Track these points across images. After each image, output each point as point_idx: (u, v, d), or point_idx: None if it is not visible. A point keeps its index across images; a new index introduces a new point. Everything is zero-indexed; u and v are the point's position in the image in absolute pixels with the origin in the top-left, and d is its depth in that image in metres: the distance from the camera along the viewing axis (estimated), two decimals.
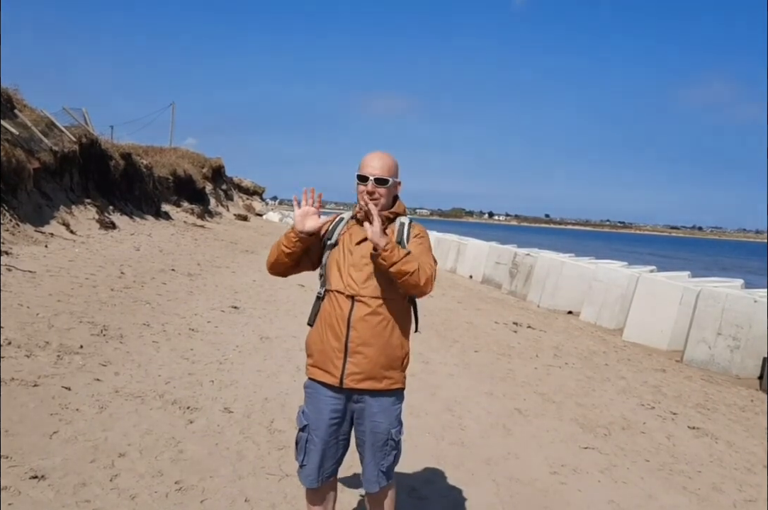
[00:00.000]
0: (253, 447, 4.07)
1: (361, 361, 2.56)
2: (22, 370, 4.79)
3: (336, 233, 2.68)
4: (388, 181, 2.59)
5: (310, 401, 2.68)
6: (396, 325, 2.62)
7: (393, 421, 2.67)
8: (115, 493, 3.25)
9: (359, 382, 2.57)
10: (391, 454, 2.68)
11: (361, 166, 2.62)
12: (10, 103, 15.19)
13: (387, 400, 2.65)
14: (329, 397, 2.62)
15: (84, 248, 12.16)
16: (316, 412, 2.64)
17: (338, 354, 2.56)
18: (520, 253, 15.62)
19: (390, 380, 2.64)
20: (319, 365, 2.62)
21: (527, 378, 6.84)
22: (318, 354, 2.63)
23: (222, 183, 43.38)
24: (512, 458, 4.43)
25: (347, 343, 2.55)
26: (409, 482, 3.81)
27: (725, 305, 8.70)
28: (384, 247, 2.40)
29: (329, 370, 2.59)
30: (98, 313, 7.10)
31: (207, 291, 10.04)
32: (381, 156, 2.63)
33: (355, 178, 2.63)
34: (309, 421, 2.65)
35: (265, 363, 6.14)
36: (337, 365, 2.57)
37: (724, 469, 4.74)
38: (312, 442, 2.65)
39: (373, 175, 2.57)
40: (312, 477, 2.68)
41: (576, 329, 11.00)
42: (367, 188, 2.57)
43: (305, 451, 2.66)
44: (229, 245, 19.32)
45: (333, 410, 2.62)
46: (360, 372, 2.56)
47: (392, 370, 2.64)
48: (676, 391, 7.09)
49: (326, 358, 2.59)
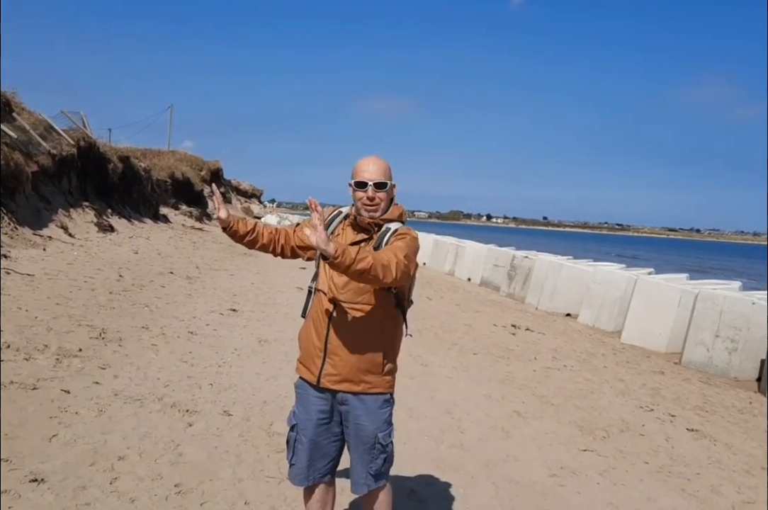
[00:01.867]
0: (252, 450, 4.08)
1: (337, 363, 2.57)
2: (21, 373, 4.79)
3: (330, 229, 2.65)
4: (387, 184, 2.58)
5: (299, 401, 2.73)
6: (376, 331, 2.59)
7: (380, 424, 2.63)
8: (114, 496, 3.26)
9: (336, 384, 2.58)
10: (380, 458, 2.64)
11: (356, 173, 2.59)
12: (8, 107, 15.18)
13: (372, 404, 2.62)
14: (316, 397, 2.65)
15: (82, 251, 12.16)
16: (304, 412, 2.68)
17: (319, 353, 2.60)
18: (518, 256, 15.64)
19: (368, 384, 2.60)
20: (303, 361, 2.69)
21: (526, 380, 6.84)
22: (304, 351, 2.68)
23: (220, 186, 43.43)
24: (511, 461, 4.43)
25: (326, 343, 2.58)
26: (408, 485, 3.81)
27: (723, 307, 8.71)
28: (334, 255, 2.18)
29: (310, 368, 2.64)
30: (97, 317, 7.10)
31: (206, 294, 10.04)
32: (375, 160, 2.61)
33: (351, 185, 2.60)
34: (298, 421, 2.69)
35: (264, 366, 6.14)
36: (317, 364, 2.60)
37: (723, 471, 4.74)
38: (300, 442, 2.67)
39: (371, 180, 2.55)
40: (302, 476, 2.69)
41: (574, 331, 11.01)
42: (367, 194, 2.55)
43: (294, 450, 2.70)
44: (227, 248, 19.31)
45: (320, 411, 2.64)
46: (336, 374, 2.58)
47: (370, 375, 2.60)
48: (675, 394, 7.09)
49: (309, 355, 2.64)
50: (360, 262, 2.23)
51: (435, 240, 22.68)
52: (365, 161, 2.61)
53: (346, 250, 2.22)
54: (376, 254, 2.36)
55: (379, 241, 2.57)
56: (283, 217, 46.68)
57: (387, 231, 2.60)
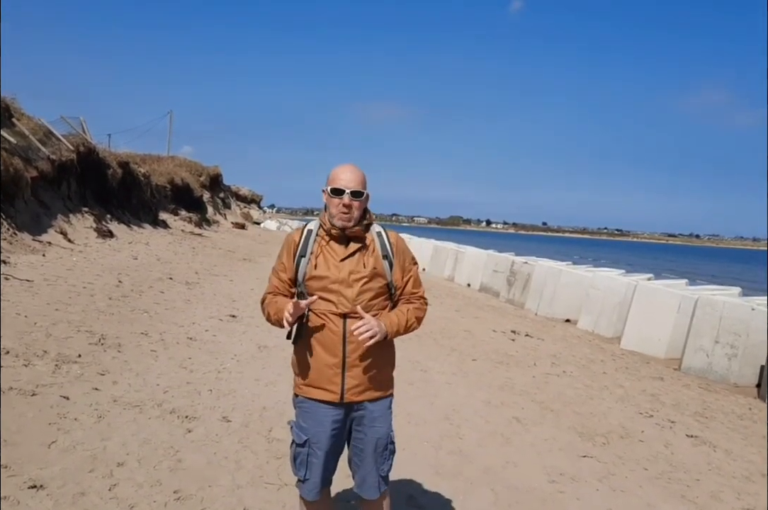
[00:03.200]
0: (251, 456, 4.07)
1: (358, 374, 2.57)
2: (21, 379, 4.78)
3: (309, 250, 2.62)
4: (363, 193, 2.58)
5: (307, 416, 2.65)
6: None
7: (390, 424, 2.70)
8: (113, 502, 3.25)
9: (358, 395, 2.59)
10: (390, 459, 2.71)
11: (332, 179, 2.58)
12: (8, 112, 15.22)
13: (384, 405, 2.69)
14: (329, 408, 2.61)
15: (82, 257, 12.16)
16: (316, 425, 2.62)
17: (336, 370, 2.56)
18: (517, 261, 15.65)
19: (385, 388, 2.69)
20: (315, 384, 2.61)
21: (525, 386, 6.84)
22: (312, 372, 2.60)
23: (220, 191, 43.44)
24: (510, 467, 4.43)
25: (344, 358, 2.55)
26: (407, 491, 3.80)
27: (723, 313, 8.72)
28: (391, 336, 2.58)
29: (327, 388, 2.58)
30: (96, 322, 7.09)
31: (205, 300, 10.04)
32: (352, 169, 2.60)
33: (326, 192, 2.58)
34: (309, 435, 2.62)
35: (264, 372, 6.14)
36: (336, 381, 2.57)
37: (723, 477, 4.74)
38: (314, 456, 2.62)
39: (348, 188, 2.54)
40: (316, 490, 2.68)
41: (574, 337, 11.01)
42: (344, 201, 2.53)
43: (307, 464, 2.64)
44: (226, 254, 19.32)
45: (334, 421, 2.62)
46: (359, 384, 2.58)
47: (385, 379, 2.69)
48: (674, 400, 7.09)
49: (322, 376, 2.58)
50: (408, 329, 2.65)
51: (435, 246, 22.71)
52: (342, 168, 2.60)
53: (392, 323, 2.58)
54: (413, 311, 2.67)
55: (384, 251, 2.64)
56: (282, 223, 46.72)
57: (379, 235, 2.67)
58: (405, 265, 2.70)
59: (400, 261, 2.68)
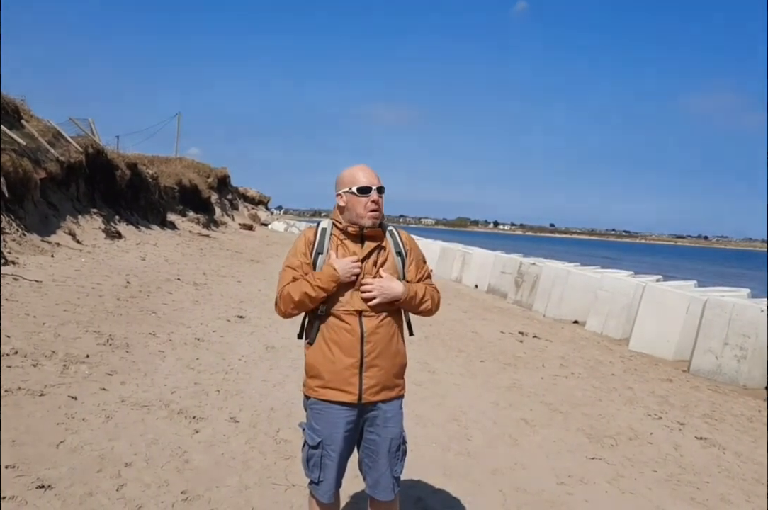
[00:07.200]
0: (259, 457, 4.07)
1: (376, 374, 2.57)
2: (29, 379, 4.80)
3: (325, 247, 2.61)
4: (384, 189, 2.62)
5: (320, 418, 2.62)
6: (398, 333, 2.67)
7: (402, 425, 2.71)
8: (121, 503, 3.25)
9: (375, 395, 2.59)
10: (403, 460, 2.72)
11: (353, 180, 2.57)
12: (17, 114, 15.31)
13: (397, 405, 2.69)
14: (343, 410, 2.59)
15: (90, 258, 12.21)
16: (330, 427, 2.60)
17: (353, 371, 2.55)
18: (525, 263, 15.60)
19: (399, 387, 2.70)
20: (332, 385, 2.57)
21: (533, 388, 6.81)
22: (329, 374, 2.57)
23: (227, 193, 43.53)
24: (519, 468, 4.41)
25: (362, 358, 2.54)
26: (415, 492, 3.79)
27: (732, 315, 8.66)
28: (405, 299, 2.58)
29: (346, 389, 2.56)
30: (104, 323, 7.12)
31: (213, 300, 10.06)
32: (368, 167, 2.63)
33: (351, 193, 2.56)
34: (323, 437, 2.61)
35: (271, 372, 6.14)
36: (354, 382, 2.55)
37: (732, 479, 4.70)
38: (328, 457, 2.61)
39: (374, 185, 2.57)
40: (331, 492, 2.67)
41: (582, 339, 10.97)
42: (372, 198, 2.55)
43: (321, 466, 2.62)
44: (234, 255, 19.36)
45: (348, 422, 2.60)
46: (376, 384, 2.58)
47: (399, 377, 2.70)
48: (683, 401, 7.05)
49: (339, 377, 2.56)
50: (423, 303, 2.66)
51: (442, 247, 22.67)
52: (358, 168, 2.62)
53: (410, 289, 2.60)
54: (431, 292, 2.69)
55: (398, 247, 2.68)
56: (290, 224, 46.80)
57: (391, 234, 2.70)
58: (418, 262, 2.74)
59: (413, 257, 2.71)
